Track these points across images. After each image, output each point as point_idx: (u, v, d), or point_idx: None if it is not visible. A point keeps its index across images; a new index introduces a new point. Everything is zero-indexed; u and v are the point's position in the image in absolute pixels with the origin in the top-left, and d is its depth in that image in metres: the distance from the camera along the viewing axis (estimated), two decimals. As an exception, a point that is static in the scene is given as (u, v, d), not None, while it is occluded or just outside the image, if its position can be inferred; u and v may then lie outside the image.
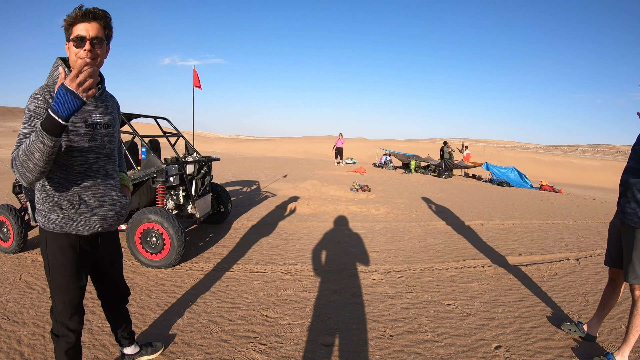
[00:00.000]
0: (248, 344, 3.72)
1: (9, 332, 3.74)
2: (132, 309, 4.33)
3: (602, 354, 3.72)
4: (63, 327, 2.60)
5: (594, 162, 46.89)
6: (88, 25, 2.34)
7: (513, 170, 21.59)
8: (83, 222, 2.48)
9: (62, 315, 2.57)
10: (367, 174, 19.90)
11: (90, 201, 2.49)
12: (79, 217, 2.46)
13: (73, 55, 2.36)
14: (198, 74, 9.35)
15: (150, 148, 6.01)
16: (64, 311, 2.56)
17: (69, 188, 2.41)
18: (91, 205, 2.50)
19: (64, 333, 2.61)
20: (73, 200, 2.43)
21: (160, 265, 5.56)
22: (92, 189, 2.49)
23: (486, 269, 6.10)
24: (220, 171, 18.47)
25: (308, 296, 4.86)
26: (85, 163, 2.44)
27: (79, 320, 2.66)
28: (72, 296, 2.56)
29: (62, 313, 2.56)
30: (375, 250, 6.95)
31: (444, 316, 4.45)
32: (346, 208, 10.78)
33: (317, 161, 30.14)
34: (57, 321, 2.59)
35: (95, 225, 2.54)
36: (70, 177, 2.40)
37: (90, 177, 2.48)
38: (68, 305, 2.56)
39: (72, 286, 2.55)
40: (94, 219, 2.52)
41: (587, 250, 7.63)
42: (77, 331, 2.68)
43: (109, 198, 2.60)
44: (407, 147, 49.06)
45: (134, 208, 6.71)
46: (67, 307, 2.56)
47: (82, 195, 2.45)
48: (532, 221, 10.59)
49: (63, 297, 2.53)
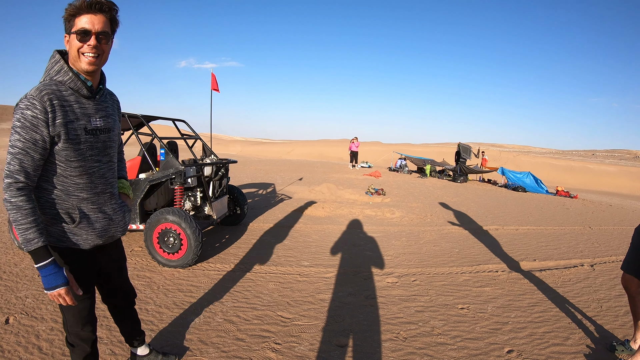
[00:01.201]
0: (263, 343, 3.78)
1: (27, 327, 3.84)
2: (149, 307, 4.41)
3: None
4: (76, 338, 2.55)
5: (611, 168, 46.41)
6: (94, 17, 2.15)
7: (529, 175, 21.44)
8: (84, 236, 2.35)
9: (74, 326, 2.50)
10: (382, 178, 19.86)
11: (90, 213, 2.36)
12: (80, 231, 2.33)
13: (75, 50, 2.17)
14: (216, 77, 9.42)
15: (169, 150, 6.09)
16: (75, 323, 2.49)
17: (68, 200, 2.27)
18: (91, 217, 2.37)
19: (78, 343, 2.57)
20: (73, 213, 2.29)
21: (177, 265, 5.64)
22: (91, 200, 2.36)
23: (500, 274, 6.11)
24: (236, 173, 18.56)
25: (323, 298, 4.91)
26: (85, 173, 2.29)
27: (91, 330, 2.59)
28: (80, 307, 2.46)
29: (73, 325, 2.50)
30: (389, 253, 6.98)
31: (457, 320, 4.47)
32: (361, 211, 10.80)
33: (333, 164, 30.12)
34: (70, 332, 2.54)
35: (96, 239, 2.42)
36: (68, 188, 2.26)
37: (90, 187, 2.34)
38: (78, 317, 2.48)
39: (79, 298, 2.41)
40: (94, 233, 2.40)
41: (602, 257, 7.59)
42: (91, 340, 2.62)
43: (108, 209, 2.48)
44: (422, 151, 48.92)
45: (152, 208, 6.79)
46: (77, 319, 2.49)
47: (81, 207, 2.32)
48: (547, 227, 10.54)
49: (72, 310, 2.43)
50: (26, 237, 2.05)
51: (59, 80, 2.18)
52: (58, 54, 2.24)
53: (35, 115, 2.03)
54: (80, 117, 2.23)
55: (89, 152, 2.29)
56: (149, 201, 6.67)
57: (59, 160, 2.18)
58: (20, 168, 2.05)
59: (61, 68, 2.19)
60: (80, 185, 2.29)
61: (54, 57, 2.22)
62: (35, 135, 2.05)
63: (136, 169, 6.75)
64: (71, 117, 2.17)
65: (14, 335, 3.70)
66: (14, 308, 4.23)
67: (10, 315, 4.07)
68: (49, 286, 2.13)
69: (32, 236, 2.05)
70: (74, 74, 2.20)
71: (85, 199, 2.33)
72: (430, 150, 50.14)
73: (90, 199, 2.35)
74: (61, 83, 2.18)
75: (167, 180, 6.15)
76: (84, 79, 2.24)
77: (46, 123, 2.06)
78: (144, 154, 6.57)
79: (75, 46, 2.16)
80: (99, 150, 2.37)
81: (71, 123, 2.17)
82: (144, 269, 5.57)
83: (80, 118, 2.23)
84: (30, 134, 2.04)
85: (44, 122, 2.05)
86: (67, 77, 2.19)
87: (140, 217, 6.08)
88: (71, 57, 2.21)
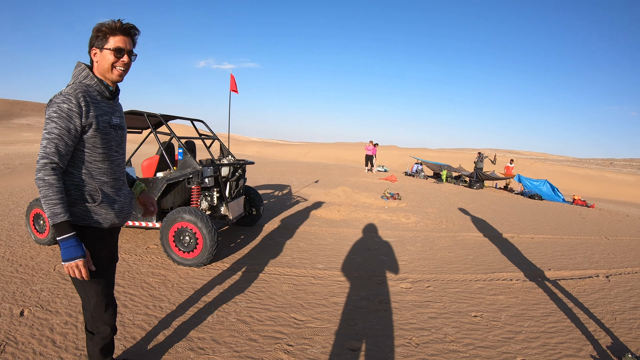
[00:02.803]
0: (276, 345, 3.80)
1: (42, 320, 3.91)
2: (164, 304, 4.46)
3: None
4: (99, 321, 2.71)
5: (629, 177, 45.90)
6: (126, 39, 2.54)
7: (545, 183, 21.27)
8: (104, 215, 2.59)
9: (98, 308, 2.67)
10: (398, 182, 19.84)
11: (110, 195, 2.63)
12: (100, 210, 2.57)
13: (109, 64, 2.51)
14: (235, 78, 9.46)
15: (187, 149, 6.14)
16: (99, 303, 2.67)
17: (91, 183, 2.53)
18: (110, 198, 2.63)
19: (99, 329, 2.74)
20: (95, 194, 2.54)
21: (192, 264, 5.69)
22: (110, 184, 2.63)
23: (514, 282, 6.07)
24: (252, 174, 18.64)
25: (336, 301, 4.92)
26: (107, 160, 2.59)
27: (112, 312, 2.79)
28: (104, 284, 2.68)
29: (97, 306, 2.67)
30: (404, 258, 6.97)
31: (470, 327, 4.46)
32: (376, 215, 10.79)
33: (349, 167, 30.13)
34: (93, 316, 2.69)
35: (114, 218, 2.66)
36: (91, 172, 2.53)
37: (110, 172, 2.63)
38: (102, 296, 2.67)
39: (104, 274, 2.68)
40: (113, 212, 2.64)
41: (618, 268, 7.52)
42: (112, 325, 2.80)
43: (123, 193, 2.76)
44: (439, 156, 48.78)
45: (169, 207, 6.85)
46: (102, 298, 2.67)
47: (103, 189, 2.58)
48: (563, 236, 10.45)
49: (95, 287, 2.62)
50: (54, 211, 2.27)
51: (87, 84, 2.51)
52: (83, 64, 2.57)
53: (71, 108, 2.35)
54: (106, 114, 2.57)
55: (112, 142, 2.63)
56: (165, 200, 6.73)
57: (87, 147, 2.49)
58: (55, 151, 2.32)
59: (87, 74, 2.52)
60: (102, 170, 2.59)
61: (79, 66, 2.55)
62: (70, 124, 2.35)
63: (154, 168, 6.82)
64: (99, 112, 2.51)
65: (28, 327, 3.77)
66: (29, 301, 4.31)
67: (26, 307, 4.14)
68: (69, 257, 2.32)
69: (59, 210, 2.29)
70: (98, 80, 2.55)
71: (105, 182, 2.61)
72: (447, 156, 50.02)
73: (109, 182, 2.64)
74: (89, 86, 2.51)
75: (184, 180, 6.21)
76: (106, 84, 2.60)
77: (79, 115, 2.38)
78: (162, 152, 6.63)
79: (110, 60, 2.52)
80: (118, 143, 2.71)
81: (100, 116, 2.51)
82: (159, 266, 5.63)
83: (105, 114, 2.57)
84: (65, 123, 2.34)
85: (77, 114, 2.37)
86: (93, 82, 2.53)
87: (156, 215, 6.14)
88: (102, 68, 2.54)
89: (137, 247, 6.45)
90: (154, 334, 3.85)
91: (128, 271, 5.41)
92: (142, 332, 3.85)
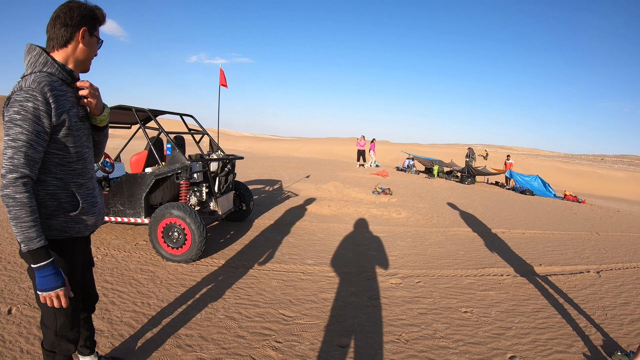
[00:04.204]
0: (264, 341, 3.77)
1: (29, 318, 3.85)
2: (152, 301, 4.42)
3: None
4: (63, 340, 2.40)
5: (620, 173, 46.11)
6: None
7: (537, 178, 21.32)
8: (87, 221, 2.38)
9: (65, 328, 2.37)
10: (390, 178, 19.83)
11: (88, 198, 2.37)
12: (82, 217, 2.33)
13: (93, 52, 2.35)
14: (224, 73, 9.42)
15: (176, 144, 6.09)
16: (67, 323, 2.37)
17: (67, 189, 2.26)
18: (89, 201, 2.38)
19: (62, 347, 2.42)
20: (73, 200, 2.28)
21: (181, 260, 5.65)
22: (86, 185, 2.37)
23: (505, 278, 6.07)
24: (243, 169, 18.59)
25: (326, 297, 4.90)
26: (80, 159, 2.32)
27: (78, 329, 2.49)
28: (74, 306, 2.41)
29: (64, 326, 2.36)
30: (394, 254, 6.96)
31: (460, 323, 4.45)
32: (367, 211, 10.78)
33: (340, 163, 30.14)
34: (58, 335, 2.37)
35: (95, 222, 2.46)
36: (67, 176, 2.25)
37: (84, 173, 2.37)
38: (71, 317, 2.39)
39: (78, 295, 2.43)
40: (94, 216, 2.43)
41: (608, 263, 7.53)
42: (77, 340, 2.50)
43: (97, 192, 2.51)
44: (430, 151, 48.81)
45: (158, 203, 6.80)
46: (70, 318, 2.38)
47: (80, 193, 2.32)
48: (554, 231, 10.48)
49: (67, 309, 2.32)
50: (28, 236, 1.99)
51: (49, 72, 2.15)
52: (37, 47, 2.19)
53: (37, 107, 2.00)
54: (74, 106, 2.27)
55: (83, 137, 2.34)
56: (154, 195, 6.68)
57: (58, 148, 2.18)
58: (25, 162, 1.98)
59: (47, 60, 2.16)
60: (78, 171, 2.31)
61: (34, 50, 2.17)
62: (38, 127, 2.01)
63: (142, 163, 6.76)
64: (68, 105, 2.20)
65: (15, 325, 3.71)
66: (17, 299, 4.24)
67: (13, 305, 4.08)
68: (48, 287, 2.07)
69: (34, 234, 2.00)
70: (59, 65, 2.20)
71: (82, 184, 2.34)
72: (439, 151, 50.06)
73: (85, 184, 2.37)
74: (51, 74, 2.15)
75: (172, 175, 6.15)
76: (69, 69, 2.27)
77: (48, 114, 2.04)
78: (151, 148, 6.57)
79: (95, 50, 2.36)
80: (87, 136, 2.41)
81: (70, 111, 2.20)
82: (147, 263, 5.58)
83: (74, 106, 2.26)
84: (33, 126, 1.99)
85: (45, 113, 2.03)
86: (55, 69, 2.17)
87: (145, 211, 6.09)
88: (83, 54, 2.29)
89: (126, 243, 6.40)
90: (142, 331, 3.80)
91: (117, 268, 5.35)
92: (130, 329, 3.80)
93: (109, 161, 6.75)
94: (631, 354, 3.93)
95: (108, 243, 6.30)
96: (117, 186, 6.12)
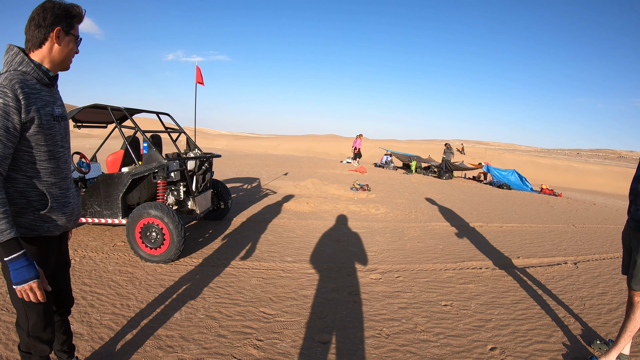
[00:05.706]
0: (245, 340, 3.75)
1: (7, 324, 3.76)
2: (131, 302, 4.36)
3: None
4: (36, 341, 2.41)
5: (595, 167, 46.74)
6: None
7: (514, 173, 21.52)
8: (56, 221, 2.37)
9: (37, 328, 2.38)
10: (368, 174, 19.85)
11: (59, 198, 2.37)
12: (51, 217, 2.33)
13: (71, 52, 2.36)
14: (201, 71, 9.35)
15: (152, 143, 6.02)
16: (39, 323, 2.37)
17: (38, 187, 2.26)
18: (60, 201, 2.38)
19: (37, 348, 2.44)
20: (43, 199, 2.29)
21: (160, 260, 5.59)
22: (58, 184, 2.37)
23: (484, 271, 6.12)
24: (221, 168, 18.48)
25: (306, 294, 4.89)
26: (53, 158, 2.31)
27: (52, 330, 2.49)
28: (47, 305, 2.39)
29: (36, 326, 2.37)
30: (373, 249, 6.97)
31: (440, 316, 4.47)
32: (346, 207, 10.78)
33: (319, 160, 30.11)
34: (31, 336, 2.39)
35: (66, 223, 2.45)
36: (38, 174, 2.25)
37: (57, 172, 2.36)
38: (43, 316, 2.38)
39: (50, 295, 2.37)
40: (64, 216, 2.42)
41: (585, 255, 7.65)
42: (51, 341, 2.51)
43: (71, 192, 2.50)
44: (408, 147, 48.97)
45: (135, 203, 6.73)
46: (42, 318, 2.38)
47: (51, 192, 2.32)
48: (532, 224, 10.61)
49: (38, 307, 2.33)
50: None
51: (23, 71, 2.19)
52: (15, 47, 2.24)
53: (7, 103, 2.02)
54: (47, 105, 2.27)
55: (57, 137, 2.34)
56: (131, 195, 6.60)
57: (29, 146, 2.19)
58: None
59: (23, 59, 2.20)
60: (49, 170, 2.30)
61: (11, 50, 2.22)
62: (7, 122, 2.03)
63: (119, 163, 6.68)
64: (40, 103, 2.20)
65: (-8, 331, 3.64)
66: (-7, 303, 4.17)
67: (-11, 310, 4.01)
68: (21, 279, 2.06)
69: (4, 227, 1.99)
70: (35, 65, 2.23)
71: (53, 183, 2.33)
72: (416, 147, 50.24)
73: (57, 183, 2.36)
74: (26, 73, 2.19)
75: (149, 174, 6.09)
76: (46, 69, 2.28)
77: (18, 110, 2.06)
78: (127, 147, 6.50)
79: (72, 49, 2.36)
80: (62, 136, 2.41)
81: (42, 109, 2.21)
82: (126, 264, 5.51)
83: (47, 105, 2.26)
84: (2, 122, 2.01)
85: (15, 109, 2.05)
86: (30, 68, 2.20)
87: (122, 211, 6.02)
88: (60, 53, 2.31)
89: (104, 244, 6.31)
90: (122, 333, 3.75)
91: (95, 270, 5.27)
92: (110, 332, 3.75)
93: (85, 161, 6.65)
94: (610, 342, 3.99)
95: (85, 245, 6.20)
96: (93, 187, 6.04)
